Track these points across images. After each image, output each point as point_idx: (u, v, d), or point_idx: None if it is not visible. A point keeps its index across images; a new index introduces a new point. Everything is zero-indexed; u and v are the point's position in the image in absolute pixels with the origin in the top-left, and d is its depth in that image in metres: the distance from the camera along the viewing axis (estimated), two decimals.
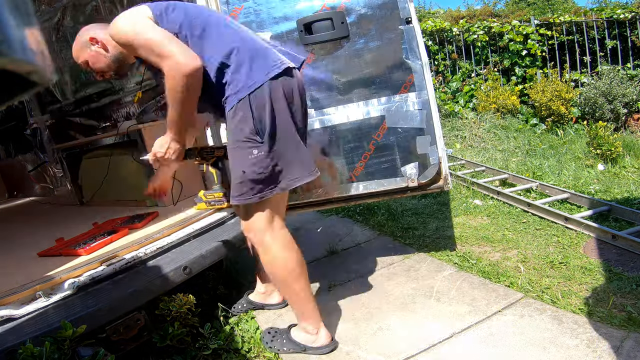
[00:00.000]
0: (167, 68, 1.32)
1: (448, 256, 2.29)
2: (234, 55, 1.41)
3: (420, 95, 1.85)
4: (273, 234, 1.51)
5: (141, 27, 1.36)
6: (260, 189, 1.43)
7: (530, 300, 1.77)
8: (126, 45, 1.39)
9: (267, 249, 1.52)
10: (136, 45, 1.35)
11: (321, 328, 1.63)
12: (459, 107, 5.71)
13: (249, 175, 1.42)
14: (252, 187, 1.43)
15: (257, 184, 1.43)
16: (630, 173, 3.44)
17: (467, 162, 4.16)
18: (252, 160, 1.41)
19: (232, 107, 1.41)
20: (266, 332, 1.72)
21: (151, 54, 1.34)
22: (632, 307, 1.63)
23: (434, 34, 6.10)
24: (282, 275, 1.54)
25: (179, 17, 1.41)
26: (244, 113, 1.39)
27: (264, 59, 1.43)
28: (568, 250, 2.22)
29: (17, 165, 4.28)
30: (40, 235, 2.46)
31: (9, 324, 1.35)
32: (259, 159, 1.41)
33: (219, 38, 1.42)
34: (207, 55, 1.40)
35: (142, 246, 1.79)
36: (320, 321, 1.63)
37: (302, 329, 1.63)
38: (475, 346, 1.53)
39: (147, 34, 1.34)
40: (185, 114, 1.43)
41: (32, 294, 1.48)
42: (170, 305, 1.61)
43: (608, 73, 4.96)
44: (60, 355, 1.21)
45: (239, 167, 1.44)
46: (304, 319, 1.61)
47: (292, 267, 1.53)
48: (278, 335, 1.68)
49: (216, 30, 1.43)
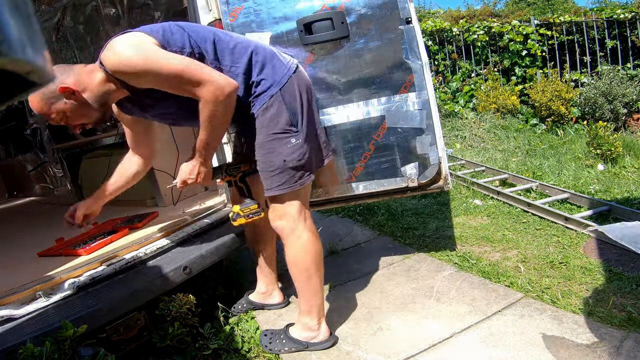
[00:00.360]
0: (206, 94, 1.28)
1: (448, 256, 2.29)
2: (254, 58, 1.45)
3: (421, 95, 1.85)
4: (305, 223, 1.56)
5: (161, 55, 1.26)
6: (300, 175, 1.50)
7: (530, 300, 1.77)
8: (140, 75, 1.27)
9: (300, 237, 1.55)
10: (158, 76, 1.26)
11: (323, 323, 1.65)
12: (459, 107, 5.71)
13: (289, 164, 1.47)
14: (292, 174, 1.49)
15: (297, 170, 1.49)
16: (630, 173, 3.44)
17: (467, 162, 4.16)
18: (292, 148, 1.47)
19: (263, 104, 1.46)
20: (262, 335, 1.72)
21: (184, 82, 1.27)
22: (632, 307, 1.63)
23: (434, 34, 6.10)
24: (307, 265, 1.57)
25: (184, 37, 1.36)
26: (277, 107, 1.45)
27: (278, 58, 1.50)
28: (568, 250, 2.23)
29: (17, 165, 4.28)
30: (40, 235, 2.46)
31: (9, 324, 1.35)
32: (297, 146, 1.48)
33: (231, 49, 1.44)
34: (226, 67, 1.42)
35: (142, 246, 1.79)
36: (323, 316, 1.65)
37: (303, 326, 1.63)
38: (475, 346, 1.53)
39: (174, 64, 1.25)
40: (220, 137, 1.45)
41: (32, 294, 1.48)
42: (170, 305, 1.61)
43: (608, 73, 4.96)
44: (60, 355, 1.21)
45: (279, 157, 1.47)
46: (310, 313, 1.61)
47: (318, 258, 1.59)
48: (276, 336, 1.68)
49: (225, 43, 1.44)
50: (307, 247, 1.56)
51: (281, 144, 1.46)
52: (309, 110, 1.53)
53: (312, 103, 1.57)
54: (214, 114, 1.32)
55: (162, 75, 1.26)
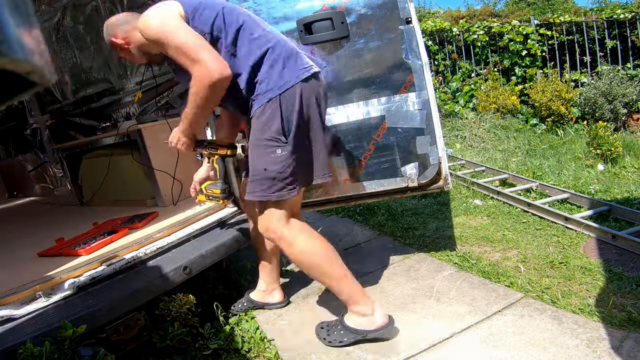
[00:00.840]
0: (196, 73, 1.35)
1: (448, 256, 2.29)
2: (268, 54, 1.44)
3: (420, 95, 1.85)
4: (291, 228, 1.53)
5: (172, 27, 1.36)
6: (279, 187, 1.46)
7: (530, 300, 1.77)
8: (155, 42, 1.39)
9: (292, 242, 1.52)
10: (166, 45, 1.36)
11: (376, 307, 1.57)
12: (459, 107, 5.72)
13: (269, 174, 1.45)
14: (270, 185, 1.46)
15: (276, 182, 1.45)
16: (630, 173, 3.44)
17: (467, 162, 4.16)
18: (275, 159, 1.44)
19: (260, 106, 1.44)
20: (319, 327, 1.67)
21: (181, 55, 1.35)
22: (632, 307, 1.63)
23: (434, 34, 6.10)
24: (318, 264, 1.54)
25: (210, 17, 1.41)
26: (272, 112, 1.42)
27: (295, 61, 1.47)
28: (568, 250, 2.22)
29: (17, 165, 4.28)
30: (40, 235, 2.46)
31: (9, 324, 1.35)
32: (281, 158, 1.44)
33: (252, 39, 1.44)
34: (240, 55, 1.43)
35: (142, 246, 1.79)
36: (373, 301, 1.58)
37: (356, 314, 1.57)
38: (475, 346, 1.52)
39: (179, 36, 1.34)
40: (200, 115, 1.50)
41: (32, 294, 1.49)
42: (170, 305, 1.61)
43: (608, 73, 4.96)
44: (60, 355, 1.21)
45: (261, 164, 1.46)
46: (354, 302, 1.56)
47: (325, 253, 1.55)
48: (333, 328, 1.63)
49: (249, 32, 1.45)
50: (305, 250, 1.54)
51: (266, 152, 1.45)
52: (307, 123, 1.48)
53: (314, 117, 1.50)
54: (197, 93, 1.38)
55: (167, 45, 1.36)
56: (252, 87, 1.46)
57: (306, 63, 1.49)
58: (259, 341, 1.70)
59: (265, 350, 1.66)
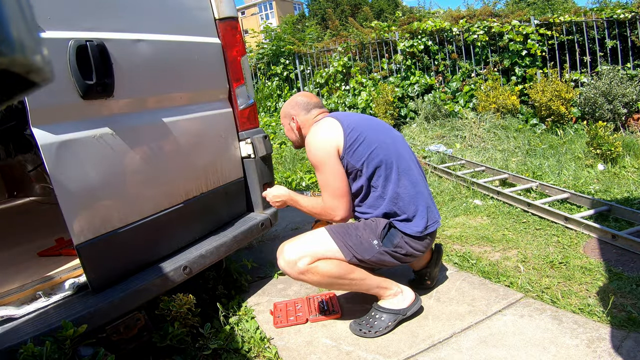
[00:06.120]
0: (323, 206, 1.69)
1: (448, 256, 2.29)
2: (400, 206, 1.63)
3: None
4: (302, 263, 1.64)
5: (327, 168, 1.62)
6: (352, 255, 1.61)
7: (530, 300, 1.77)
8: (313, 164, 1.69)
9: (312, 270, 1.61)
10: (317, 170, 1.67)
11: (402, 286, 1.75)
12: (459, 107, 5.71)
13: (357, 248, 1.61)
14: (349, 249, 1.61)
15: (355, 253, 1.61)
16: (630, 173, 3.44)
17: (467, 162, 4.15)
18: (366, 245, 1.61)
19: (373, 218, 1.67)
20: (355, 326, 1.71)
21: (323, 188, 1.67)
22: (632, 307, 1.63)
23: (434, 34, 6.10)
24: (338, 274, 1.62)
25: (364, 154, 1.60)
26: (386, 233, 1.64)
27: (421, 217, 1.64)
28: (568, 250, 2.23)
29: (17, 165, 4.28)
30: (40, 235, 2.46)
31: (9, 324, 1.35)
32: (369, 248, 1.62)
33: (396, 189, 1.62)
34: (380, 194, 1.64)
35: None
36: (393, 281, 1.74)
37: (390, 297, 1.71)
38: (475, 346, 1.53)
39: (328, 179, 1.63)
40: (307, 213, 1.79)
41: (32, 294, 1.49)
42: (170, 305, 1.61)
43: (608, 73, 4.95)
44: (60, 354, 1.21)
45: (367, 237, 1.63)
46: (384, 289, 1.71)
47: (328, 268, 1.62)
48: (371, 319, 1.70)
49: (396, 179, 1.62)
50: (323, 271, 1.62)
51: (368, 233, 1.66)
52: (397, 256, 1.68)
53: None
54: (315, 213, 1.75)
55: (318, 173, 1.68)
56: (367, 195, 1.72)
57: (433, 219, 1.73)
58: (259, 341, 1.70)
59: (265, 350, 1.66)
